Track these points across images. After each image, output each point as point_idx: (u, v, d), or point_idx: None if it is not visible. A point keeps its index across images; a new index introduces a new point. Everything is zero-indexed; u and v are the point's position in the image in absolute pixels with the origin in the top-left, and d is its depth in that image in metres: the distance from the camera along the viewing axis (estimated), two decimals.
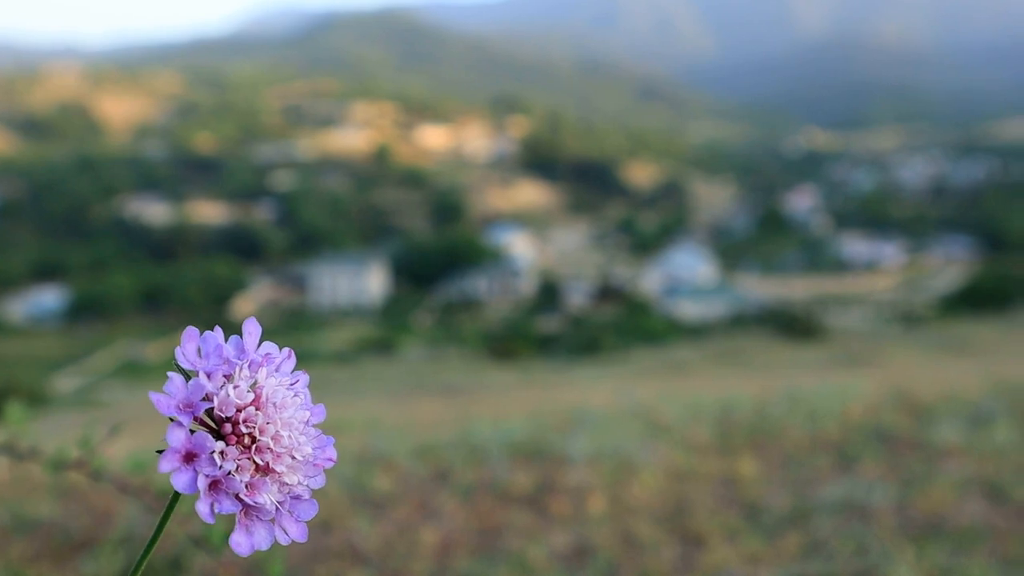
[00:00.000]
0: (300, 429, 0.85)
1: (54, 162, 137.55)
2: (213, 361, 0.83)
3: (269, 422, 0.83)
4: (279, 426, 0.83)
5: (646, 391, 8.81)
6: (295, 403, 0.85)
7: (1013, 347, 15.95)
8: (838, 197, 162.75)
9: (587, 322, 56.99)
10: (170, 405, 0.80)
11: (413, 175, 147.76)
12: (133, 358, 67.58)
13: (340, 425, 7.67)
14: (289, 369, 0.89)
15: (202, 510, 0.79)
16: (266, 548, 0.83)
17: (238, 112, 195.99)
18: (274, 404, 0.84)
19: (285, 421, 0.84)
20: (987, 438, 5.03)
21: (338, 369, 21.35)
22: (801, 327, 21.24)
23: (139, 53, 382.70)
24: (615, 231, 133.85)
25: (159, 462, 0.79)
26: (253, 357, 0.86)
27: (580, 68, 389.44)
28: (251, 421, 0.82)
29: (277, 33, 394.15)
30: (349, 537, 3.84)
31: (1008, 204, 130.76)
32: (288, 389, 0.86)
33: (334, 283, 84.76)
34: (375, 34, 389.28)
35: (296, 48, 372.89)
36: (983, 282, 62.10)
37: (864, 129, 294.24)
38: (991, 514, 3.84)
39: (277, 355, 0.89)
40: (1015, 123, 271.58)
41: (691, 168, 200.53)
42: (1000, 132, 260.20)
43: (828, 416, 5.74)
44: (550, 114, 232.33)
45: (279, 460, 0.83)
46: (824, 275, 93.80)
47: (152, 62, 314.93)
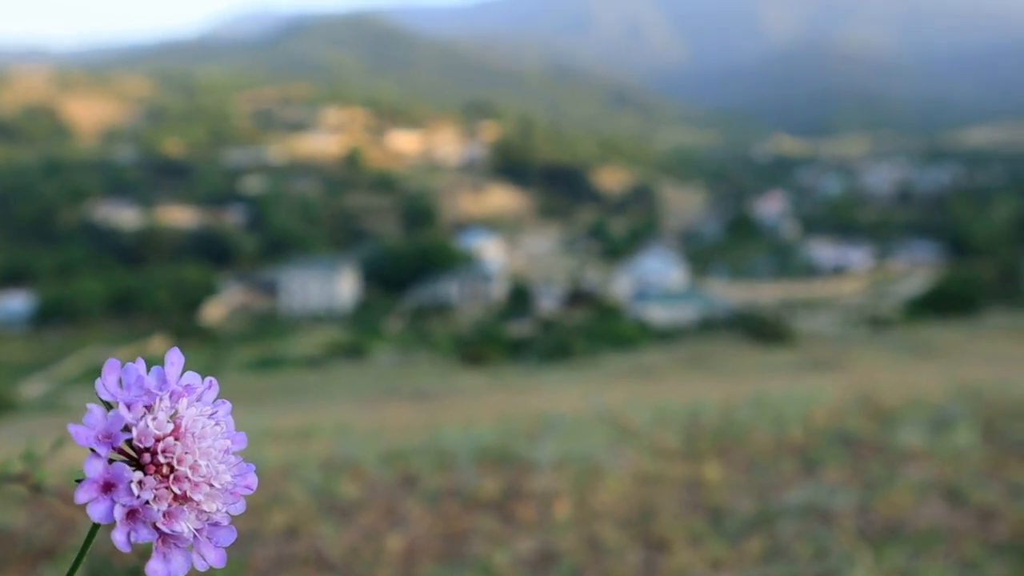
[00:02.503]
0: (219, 458, 0.86)
1: (21, 165, 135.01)
2: (134, 392, 0.85)
3: (188, 452, 0.84)
4: (197, 455, 0.84)
5: (615, 396, 8.85)
6: (215, 432, 0.87)
7: (977, 350, 16.25)
8: (806, 203, 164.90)
9: (557, 327, 57.11)
10: (89, 436, 0.81)
11: (384, 180, 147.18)
12: (101, 363, 66.45)
13: (309, 430, 7.62)
14: (211, 399, 0.90)
15: (118, 539, 0.80)
16: (183, 575, 0.84)
17: (208, 116, 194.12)
18: (193, 434, 0.85)
19: (204, 450, 0.85)
20: (949, 441, 5.10)
21: (308, 374, 21.20)
22: (769, 331, 21.48)
23: (108, 56, 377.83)
24: (585, 236, 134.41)
25: (76, 492, 0.79)
26: (174, 388, 0.87)
27: (551, 74, 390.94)
28: (170, 451, 0.84)
29: (247, 36, 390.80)
30: (315, 543, 3.82)
31: (972, 209, 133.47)
32: (209, 418, 0.87)
33: (305, 288, 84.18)
34: (346, 38, 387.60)
35: (267, 51, 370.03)
36: (948, 286, 63.19)
37: (832, 136, 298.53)
38: (950, 517, 3.90)
39: (199, 385, 0.89)
40: (979, 130, 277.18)
41: (661, 174, 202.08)
42: (964, 139, 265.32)
43: (793, 420, 5.81)
44: (521, 119, 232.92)
45: (197, 489, 0.84)
46: (792, 280, 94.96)
47: (121, 65, 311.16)
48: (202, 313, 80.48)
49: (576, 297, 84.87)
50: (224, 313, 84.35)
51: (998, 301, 28.72)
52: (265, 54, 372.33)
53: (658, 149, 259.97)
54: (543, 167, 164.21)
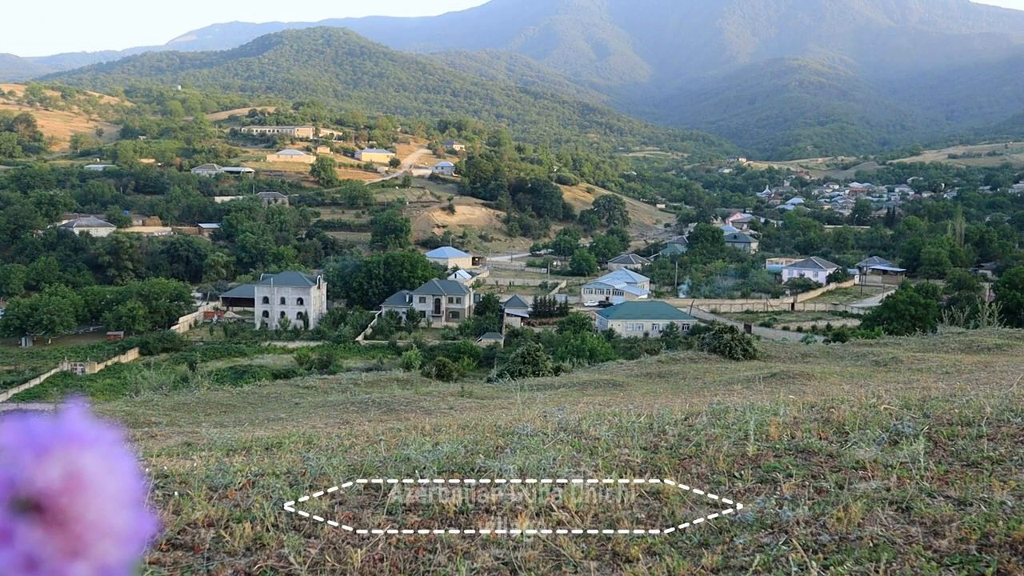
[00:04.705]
0: (114, 506, 0.86)
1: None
2: (31, 442, 0.84)
3: (82, 501, 0.84)
4: (92, 504, 0.84)
5: (579, 409, 8.95)
6: (111, 481, 0.86)
7: (930, 364, 16.61)
8: (767, 220, 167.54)
9: (525, 339, 57.31)
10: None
11: (355, 194, 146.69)
12: (69, 373, 65.39)
13: (276, 443, 7.61)
14: (109, 447, 0.90)
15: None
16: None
17: (181, 130, 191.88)
18: (89, 483, 0.85)
19: (99, 499, 0.85)
20: (900, 454, 5.19)
21: (278, 387, 21.01)
22: (731, 345, 21.77)
23: (82, 70, 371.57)
24: (553, 251, 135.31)
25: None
26: (72, 437, 0.87)
27: (519, 92, 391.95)
28: (64, 501, 0.83)
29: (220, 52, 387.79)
30: (280, 554, 3.85)
31: (925, 228, 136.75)
32: (106, 467, 0.87)
33: (276, 301, 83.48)
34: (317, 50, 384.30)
35: (239, 64, 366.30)
36: (903, 301, 64.56)
37: (792, 157, 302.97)
38: (898, 529, 3.98)
39: (98, 434, 0.89)
40: (931, 151, 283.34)
41: (627, 191, 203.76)
42: (918, 159, 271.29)
43: (751, 433, 5.92)
44: (491, 136, 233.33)
45: (90, 537, 0.84)
46: (753, 295, 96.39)
47: (95, 79, 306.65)
48: (174, 325, 79.62)
49: (543, 311, 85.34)
50: (195, 326, 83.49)
51: (951, 316, 29.37)
52: (238, 66, 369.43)
53: (624, 167, 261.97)
54: (511, 182, 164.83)
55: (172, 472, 5.64)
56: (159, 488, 5.10)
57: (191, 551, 3.95)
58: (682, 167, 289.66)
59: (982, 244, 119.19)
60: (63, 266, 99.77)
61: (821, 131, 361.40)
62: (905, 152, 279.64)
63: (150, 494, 4.89)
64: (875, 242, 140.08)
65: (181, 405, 17.33)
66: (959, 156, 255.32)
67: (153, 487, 5.11)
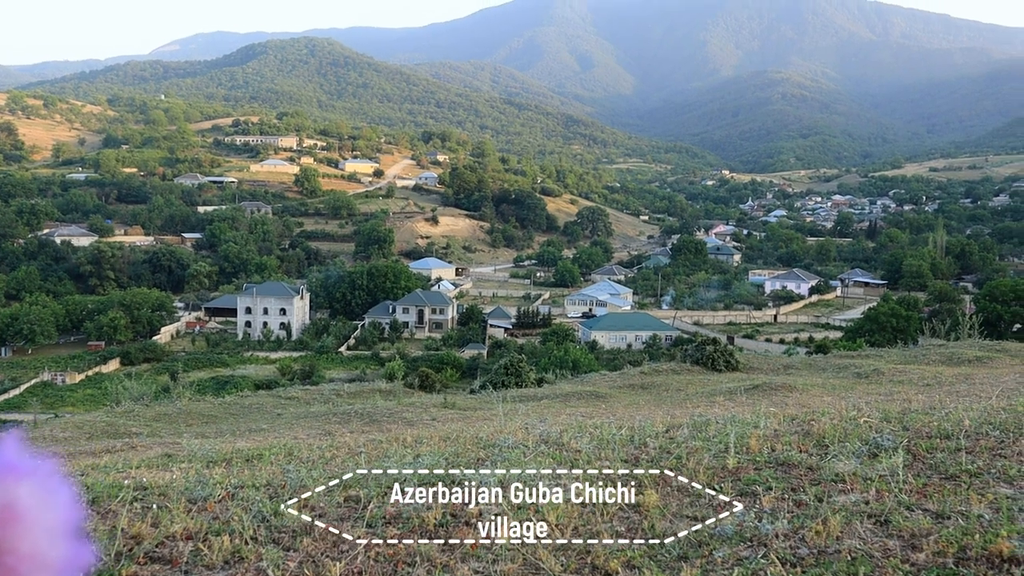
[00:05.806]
0: (50, 538, 0.86)
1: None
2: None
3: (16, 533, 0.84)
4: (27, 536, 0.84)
5: (561, 420, 8.95)
6: (47, 512, 0.86)
7: (911, 376, 16.74)
8: (750, 233, 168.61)
9: (508, 351, 57.25)
10: None
11: (338, 205, 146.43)
12: (50, 383, 64.69)
13: (257, 455, 7.55)
14: (46, 478, 0.89)
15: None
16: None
17: (164, 140, 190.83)
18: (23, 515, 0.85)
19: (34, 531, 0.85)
20: (880, 467, 5.22)
21: (260, 397, 20.85)
22: (713, 357, 21.85)
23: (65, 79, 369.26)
24: (536, 262, 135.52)
25: None
26: (7, 468, 0.86)
27: (504, 104, 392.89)
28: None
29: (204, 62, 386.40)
30: (258, 567, 3.82)
31: (906, 241, 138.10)
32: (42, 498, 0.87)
33: (258, 311, 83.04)
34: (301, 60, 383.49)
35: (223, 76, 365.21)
36: (884, 314, 65.03)
37: (775, 169, 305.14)
38: (876, 542, 4.00)
39: (36, 466, 0.88)
40: (912, 166, 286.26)
41: (610, 203, 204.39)
42: (899, 173, 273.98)
43: (731, 446, 5.94)
44: (475, 148, 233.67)
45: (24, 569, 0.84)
46: (736, 307, 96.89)
47: (77, 88, 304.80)
48: (156, 336, 79.06)
49: (526, 322, 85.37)
50: (177, 336, 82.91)
51: (932, 328, 29.61)
52: (222, 76, 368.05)
53: (607, 179, 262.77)
54: (495, 193, 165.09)
55: (151, 484, 5.60)
56: (138, 500, 5.06)
57: (169, 564, 3.92)
58: (665, 179, 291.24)
59: (963, 257, 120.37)
60: (44, 275, 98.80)
61: (804, 144, 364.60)
62: (887, 165, 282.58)
63: (127, 507, 4.84)
64: (857, 254, 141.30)
65: (162, 416, 17.18)
66: (940, 169, 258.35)
67: (132, 499, 5.06)
